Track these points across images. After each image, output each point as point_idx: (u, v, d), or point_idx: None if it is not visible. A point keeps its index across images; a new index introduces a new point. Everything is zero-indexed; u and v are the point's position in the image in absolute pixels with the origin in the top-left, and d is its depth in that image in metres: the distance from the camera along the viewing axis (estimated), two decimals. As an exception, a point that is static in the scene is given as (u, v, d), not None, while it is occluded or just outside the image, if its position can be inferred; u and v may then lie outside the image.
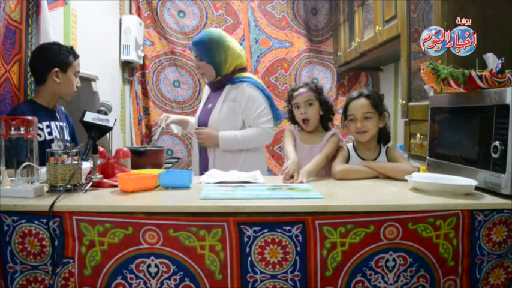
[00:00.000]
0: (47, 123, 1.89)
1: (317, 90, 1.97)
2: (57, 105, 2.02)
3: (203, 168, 2.23)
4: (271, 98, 2.30)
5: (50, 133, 1.88)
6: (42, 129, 1.85)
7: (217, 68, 2.23)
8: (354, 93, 1.88)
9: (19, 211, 1.24)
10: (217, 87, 2.29)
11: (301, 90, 1.97)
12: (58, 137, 1.85)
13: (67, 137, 1.98)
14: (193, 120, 2.49)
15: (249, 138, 2.20)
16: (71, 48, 1.96)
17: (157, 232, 1.24)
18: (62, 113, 2.05)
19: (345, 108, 1.88)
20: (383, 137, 1.87)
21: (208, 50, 2.20)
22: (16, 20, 1.92)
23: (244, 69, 2.31)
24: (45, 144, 1.75)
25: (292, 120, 2.03)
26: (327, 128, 2.00)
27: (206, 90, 2.42)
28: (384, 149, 1.85)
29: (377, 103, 1.82)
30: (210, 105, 2.31)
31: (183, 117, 2.57)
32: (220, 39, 2.22)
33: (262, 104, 2.22)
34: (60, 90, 1.92)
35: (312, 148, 1.91)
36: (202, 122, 2.31)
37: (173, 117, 2.45)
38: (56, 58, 1.89)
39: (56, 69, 1.88)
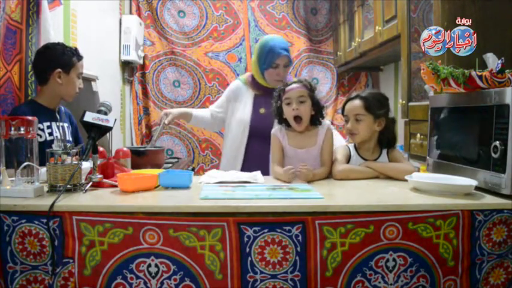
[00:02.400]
0: (48, 123, 1.89)
1: (310, 88, 1.87)
2: (60, 106, 2.01)
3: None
4: None
5: (50, 133, 1.88)
6: (42, 130, 1.85)
7: None
8: (353, 94, 1.87)
9: (19, 211, 1.24)
10: (269, 91, 2.17)
11: (294, 85, 1.86)
12: (59, 137, 1.85)
13: (69, 137, 1.98)
14: (197, 112, 2.41)
15: None
16: (75, 49, 1.96)
17: (157, 232, 1.24)
18: (63, 113, 2.05)
19: (342, 108, 1.87)
20: (384, 139, 1.83)
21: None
22: (16, 20, 1.92)
23: None
24: (45, 145, 1.75)
25: (280, 118, 1.90)
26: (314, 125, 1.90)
27: (243, 91, 2.32)
28: (384, 151, 1.84)
29: (371, 105, 1.77)
30: (263, 111, 2.23)
31: (184, 110, 2.44)
32: None
33: None
34: (62, 91, 1.92)
35: (308, 151, 1.82)
36: (259, 128, 2.21)
37: (174, 112, 2.32)
38: (59, 59, 1.89)
39: (59, 69, 1.88)
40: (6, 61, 1.86)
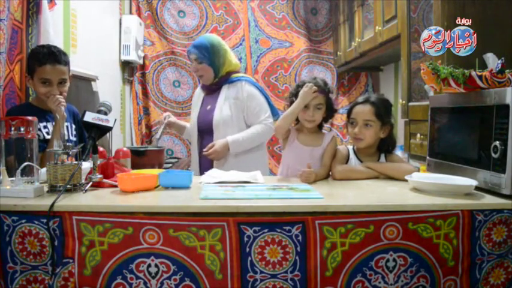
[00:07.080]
0: (44, 123, 1.88)
1: (328, 93, 1.88)
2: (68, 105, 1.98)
3: (205, 170, 2.24)
4: (267, 95, 2.42)
5: (48, 133, 1.88)
6: (40, 129, 1.84)
7: (216, 70, 2.33)
8: (361, 98, 1.86)
9: (19, 211, 1.24)
10: (213, 89, 2.38)
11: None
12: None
13: (70, 137, 1.98)
14: (187, 125, 2.55)
15: (255, 136, 2.30)
16: (43, 52, 1.83)
17: (157, 232, 1.24)
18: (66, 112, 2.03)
19: (349, 111, 1.86)
20: (384, 145, 1.84)
21: (210, 53, 2.31)
22: (18, 19, 1.92)
23: (236, 71, 2.42)
24: (44, 143, 1.75)
25: None
26: (321, 127, 1.95)
27: (198, 95, 2.49)
28: (382, 155, 1.84)
29: (381, 112, 1.78)
30: (209, 107, 2.37)
31: (182, 122, 2.63)
32: (220, 44, 2.36)
33: (260, 101, 2.33)
34: (38, 95, 1.87)
35: (313, 150, 1.85)
36: (204, 124, 2.36)
37: (175, 119, 2.56)
38: (27, 63, 1.87)
39: (27, 74, 1.87)
40: (9, 61, 1.85)
